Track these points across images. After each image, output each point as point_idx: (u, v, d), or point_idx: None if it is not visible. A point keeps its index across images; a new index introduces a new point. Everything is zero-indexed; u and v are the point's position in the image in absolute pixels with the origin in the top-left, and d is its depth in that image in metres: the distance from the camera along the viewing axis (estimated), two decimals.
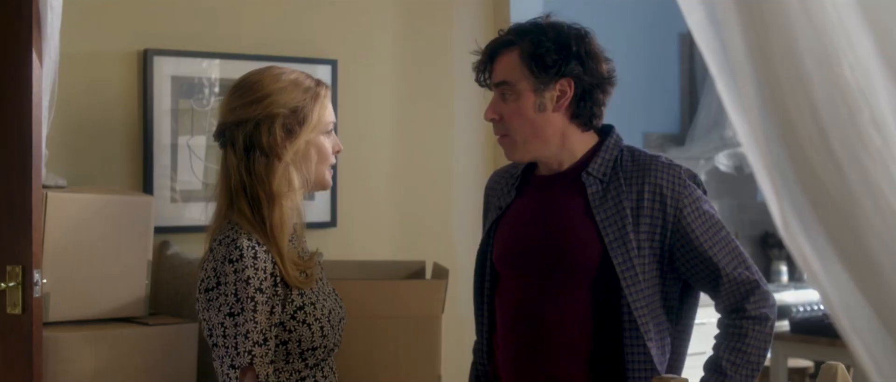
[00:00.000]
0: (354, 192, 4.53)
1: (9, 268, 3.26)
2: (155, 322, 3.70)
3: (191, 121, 4.19)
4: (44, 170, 3.42)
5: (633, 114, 6.58)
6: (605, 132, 2.71)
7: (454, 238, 4.75)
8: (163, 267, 4.04)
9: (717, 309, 2.67)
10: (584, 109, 2.63)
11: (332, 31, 4.51)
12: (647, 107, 6.63)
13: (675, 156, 6.58)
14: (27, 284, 3.25)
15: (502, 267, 2.75)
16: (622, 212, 2.56)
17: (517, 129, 2.61)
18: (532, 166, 2.78)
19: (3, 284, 3.25)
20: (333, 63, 4.46)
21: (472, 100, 4.75)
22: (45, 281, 3.29)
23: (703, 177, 6.56)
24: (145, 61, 4.07)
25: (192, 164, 4.20)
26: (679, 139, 6.69)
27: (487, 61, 2.66)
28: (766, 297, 2.62)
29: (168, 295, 3.98)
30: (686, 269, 2.61)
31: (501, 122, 2.63)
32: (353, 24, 4.55)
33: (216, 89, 4.23)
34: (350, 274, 4.06)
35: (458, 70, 4.72)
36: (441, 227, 4.74)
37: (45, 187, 3.46)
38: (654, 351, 2.58)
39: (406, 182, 4.69)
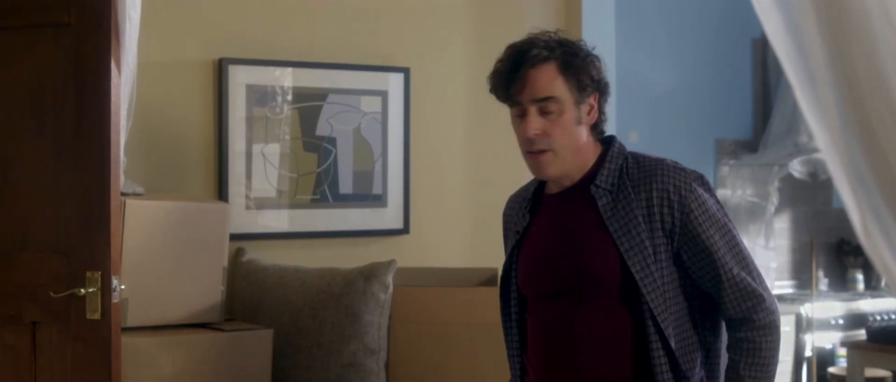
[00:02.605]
0: (427, 200, 4.55)
1: (88, 274, 3.31)
2: (230, 327, 3.73)
3: (265, 128, 4.23)
4: (122, 178, 3.47)
5: (705, 120, 6.52)
6: (608, 142, 2.67)
7: None
8: (238, 273, 4.08)
9: (724, 316, 2.63)
10: (601, 121, 2.63)
11: (404, 39, 4.53)
12: (720, 113, 6.55)
13: (749, 162, 6.52)
14: (106, 290, 3.29)
15: (528, 291, 2.70)
16: (634, 220, 2.53)
17: (562, 144, 2.54)
18: (541, 185, 2.75)
19: (82, 290, 3.30)
20: (406, 71, 4.48)
21: None
22: (123, 286, 3.33)
23: (776, 184, 6.49)
24: (220, 70, 4.11)
25: (266, 172, 4.24)
26: (752, 145, 6.60)
27: (516, 75, 2.54)
28: (772, 307, 2.59)
29: (243, 301, 4.02)
30: (693, 270, 2.59)
31: (544, 137, 2.53)
32: (426, 33, 4.57)
33: (289, 97, 4.26)
34: (422, 280, 4.07)
35: None
36: None
37: (123, 194, 3.51)
38: (680, 356, 2.55)
39: (478, 189, 4.68)
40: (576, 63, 2.52)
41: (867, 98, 1.65)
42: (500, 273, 2.85)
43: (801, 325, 6.20)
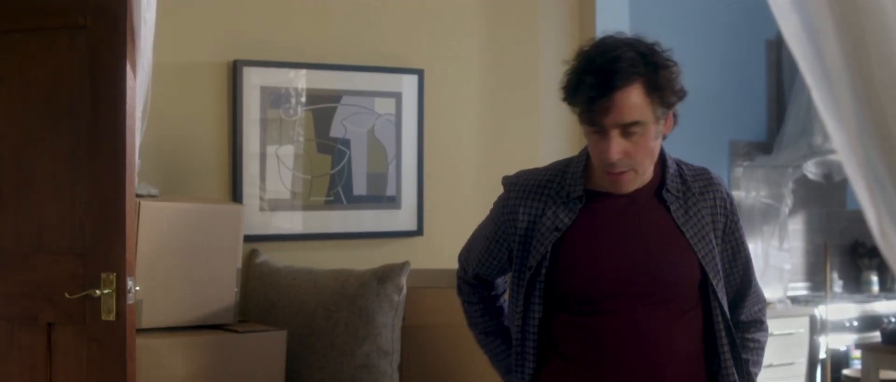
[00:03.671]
0: (441, 201, 4.55)
1: (103, 275, 3.32)
2: (244, 329, 3.74)
3: (279, 130, 4.23)
4: (137, 180, 3.48)
5: (719, 121, 6.51)
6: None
7: None
8: (252, 274, 4.08)
9: (738, 317, 2.68)
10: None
11: (418, 40, 4.53)
12: (734, 114, 6.54)
13: (763, 164, 6.50)
14: (121, 291, 3.30)
15: (592, 292, 2.53)
16: (706, 225, 2.55)
17: (642, 162, 2.46)
18: (578, 180, 2.60)
19: (97, 291, 3.31)
20: (420, 73, 4.48)
21: (558, 108, 4.71)
22: (138, 288, 3.34)
23: (790, 186, 6.48)
24: (235, 72, 4.12)
25: (280, 173, 4.24)
26: (766, 147, 6.59)
27: (602, 98, 2.37)
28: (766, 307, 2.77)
29: (257, 303, 4.03)
30: (729, 273, 2.66)
31: (626, 159, 2.42)
32: (439, 34, 4.57)
33: (303, 99, 4.27)
34: (436, 282, 4.06)
35: (543, 79, 4.72)
36: None
37: (138, 196, 3.52)
38: (738, 356, 2.63)
39: (492, 190, 4.65)
40: (661, 80, 2.41)
41: (884, 98, 1.64)
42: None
43: (816, 327, 6.18)
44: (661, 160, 2.57)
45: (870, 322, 6.30)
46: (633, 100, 2.37)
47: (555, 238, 2.55)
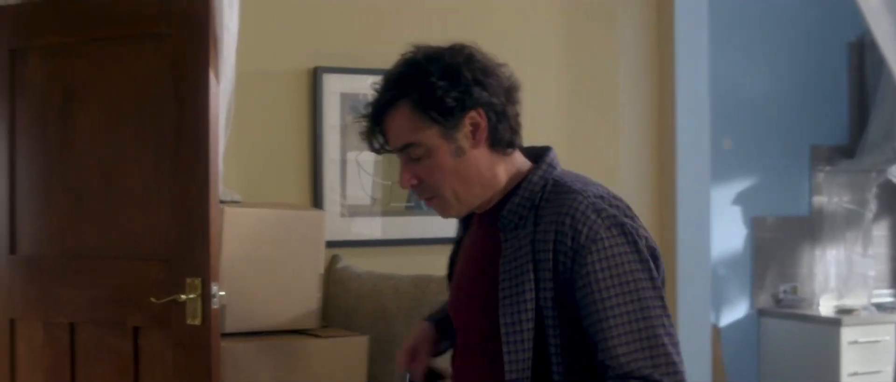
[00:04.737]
0: None
1: (188, 281, 3.36)
2: (326, 334, 3.76)
3: (358, 136, 4.24)
4: (220, 186, 3.52)
5: (800, 126, 6.43)
6: (541, 155, 2.26)
7: None
8: (333, 280, 4.11)
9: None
10: (503, 132, 2.18)
11: (495, 46, 4.50)
12: (815, 118, 6.45)
13: (845, 169, 6.40)
14: (206, 296, 3.34)
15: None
16: (523, 262, 2.10)
17: (442, 186, 2.16)
18: None
19: (183, 296, 3.35)
20: None
21: (639, 106, 4.73)
22: (222, 293, 3.38)
23: (874, 191, 6.36)
24: (315, 79, 4.15)
25: (360, 179, 4.26)
26: (849, 151, 6.49)
27: (374, 127, 2.18)
28: None
29: (338, 308, 4.05)
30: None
31: (422, 185, 2.18)
32: (517, 41, 4.56)
33: None
34: None
35: (622, 76, 4.70)
36: None
37: (221, 202, 3.56)
38: None
39: None
40: (430, 93, 2.11)
41: None
42: None
43: None
44: (526, 178, 2.20)
45: None
46: (399, 121, 2.15)
47: (453, 251, 2.43)
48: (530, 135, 4.48)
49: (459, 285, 2.32)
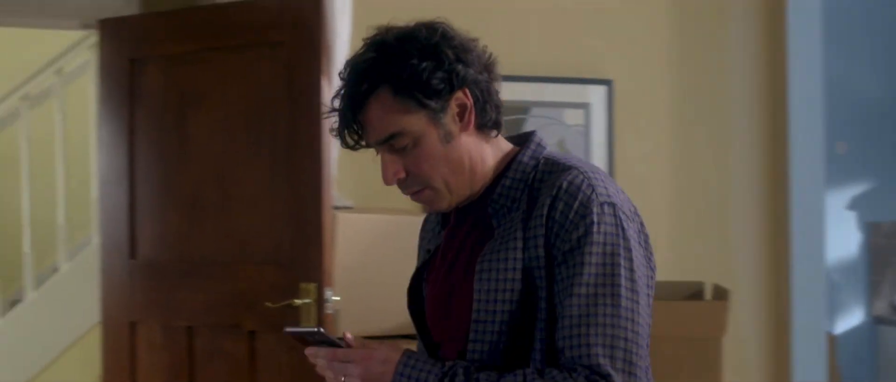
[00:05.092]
0: None
1: (303, 286, 3.40)
2: None
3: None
4: (333, 191, 3.55)
5: None
6: (525, 139, 2.08)
7: (734, 258, 4.64)
8: None
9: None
10: (490, 112, 2.00)
11: (606, 50, 4.50)
12: None
13: None
14: (320, 301, 3.38)
15: (436, 335, 2.09)
16: (508, 251, 1.94)
17: (432, 176, 1.97)
18: None
19: (297, 301, 3.39)
20: (608, 83, 4.45)
21: (750, 109, 4.65)
22: (336, 298, 3.41)
23: None
24: None
25: None
26: None
27: (351, 121, 1.96)
28: None
29: None
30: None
31: (410, 177, 1.98)
32: (628, 44, 4.53)
33: None
34: None
35: (733, 87, 4.63)
36: (720, 247, 4.64)
37: (334, 208, 3.59)
38: None
39: (683, 201, 4.62)
40: (409, 76, 1.92)
41: None
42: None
43: None
44: (514, 159, 2.02)
45: None
46: (380, 110, 1.93)
47: (423, 259, 2.20)
48: (636, 140, 4.47)
49: (443, 292, 2.07)
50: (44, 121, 6.04)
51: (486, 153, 2.01)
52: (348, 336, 1.89)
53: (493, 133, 2.02)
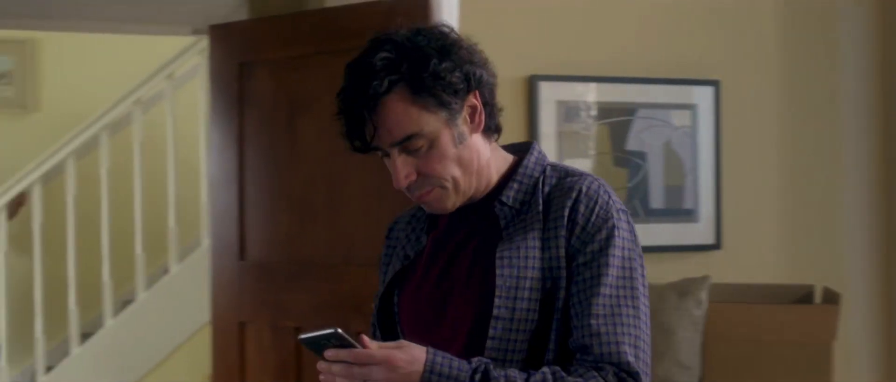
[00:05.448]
0: (740, 214, 4.45)
1: None
2: None
3: (575, 143, 4.25)
4: None
5: None
6: (524, 149, 2.08)
7: (845, 262, 4.55)
8: None
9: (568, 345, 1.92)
10: (495, 116, 2.01)
11: (713, 51, 4.45)
12: None
13: None
14: None
15: (415, 339, 1.94)
16: (527, 250, 1.93)
17: (444, 177, 1.94)
18: None
19: None
20: (715, 84, 4.40)
21: (863, 117, 4.57)
22: None
23: None
24: (531, 87, 4.17)
25: None
26: None
27: (363, 122, 1.90)
28: None
29: None
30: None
31: (420, 179, 1.94)
32: (736, 44, 4.47)
33: (598, 112, 4.27)
34: (737, 297, 3.98)
35: (845, 86, 4.55)
36: (830, 251, 4.56)
37: None
38: None
39: (793, 203, 4.54)
40: (426, 77, 1.87)
41: None
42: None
43: None
44: (518, 165, 2.04)
45: None
46: (397, 112, 1.88)
47: (400, 264, 2.12)
48: (744, 141, 4.41)
49: (435, 298, 2.02)
50: (154, 125, 6.17)
51: (490, 156, 2.00)
52: (364, 338, 1.81)
53: (495, 137, 2.02)
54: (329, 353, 1.81)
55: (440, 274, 2.02)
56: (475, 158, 1.96)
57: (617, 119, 4.30)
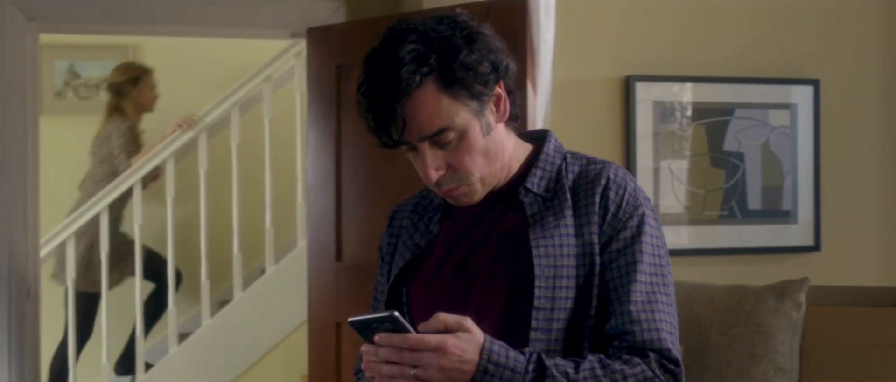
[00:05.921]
0: (839, 216, 4.38)
1: None
2: None
3: (671, 144, 4.22)
4: None
5: None
6: (541, 137, 2.05)
7: None
8: None
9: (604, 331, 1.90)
10: (514, 103, 1.97)
11: (812, 50, 4.39)
12: None
13: None
14: None
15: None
16: (563, 231, 1.90)
17: (473, 171, 1.91)
18: None
19: None
20: (815, 83, 4.34)
21: None
22: None
23: None
24: (628, 87, 4.15)
25: (673, 188, 4.23)
26: None
27: (391, 117, 1.84)
28: (669, 363, 1.85)
29: None
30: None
31: (448, 172, 1.90)
32: (836, 42, 4.41)
33: (688, 113, 4.24)
34: (836, 299, 3.92)
35: None
36: None
37: None
38: None
39: (894, 204, 4.47)
40: (456, 69, 1.83)
41: None
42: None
43: None
44: (537, 155, 2.01)
45: None
46: (429, 104, 1.83)
47: (410, 255, 2.05)
48: (844, 141, 4.35)
49: (457, 287, 1.96)
50: (250, 126, 6.26)
51: (510, 144, 1.98)
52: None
53: (514, 124, 2.00)
54: (379, 337, 1.74)
55: (460, 263, 1.98)
56: (500, 149, 1.94)
57: (714, 119, 4.26)
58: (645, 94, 4.18)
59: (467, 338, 1.74)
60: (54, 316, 6.04)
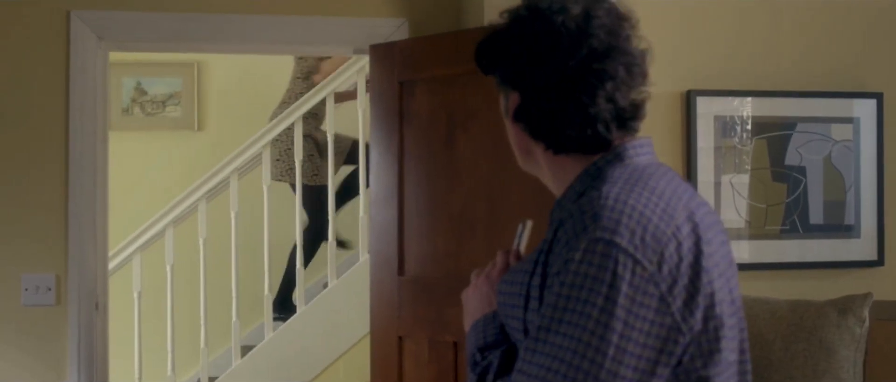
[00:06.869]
0: None
1: None
2: None
3: (732, 159, 4.22)
4: None
5: None
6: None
7: None
8: None
9: None
10: (556, 127, 1.94)
11: (875, 62, 4.37)
12: None
13: None
14: None
15: None
16: (529, 260, 1.82)
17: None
18: None
19: None
20: (878, 96, 4.32)
21: None
22: None
23: None
24: (688, 101, 4.16)
25: (734, 202, 4.23)
26: None
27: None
28: None
29: None
30: None
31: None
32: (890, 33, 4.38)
33: (755, 126, 4.23)
34: None
35: None
36: None
37: None
38: None
39: None
40: (499, 58, 1.89)
41: None
42: None
43: None
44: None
45: None
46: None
47: None
48: None
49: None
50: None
51: (558, 168, 1.99)
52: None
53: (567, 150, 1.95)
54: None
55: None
56: (528, 159, 2.11)
57: (775, 133, 4.26)
58: (706, 109, 4.18)
59: (476, 293, 2.00)
60: (124, 327, 6.14)
